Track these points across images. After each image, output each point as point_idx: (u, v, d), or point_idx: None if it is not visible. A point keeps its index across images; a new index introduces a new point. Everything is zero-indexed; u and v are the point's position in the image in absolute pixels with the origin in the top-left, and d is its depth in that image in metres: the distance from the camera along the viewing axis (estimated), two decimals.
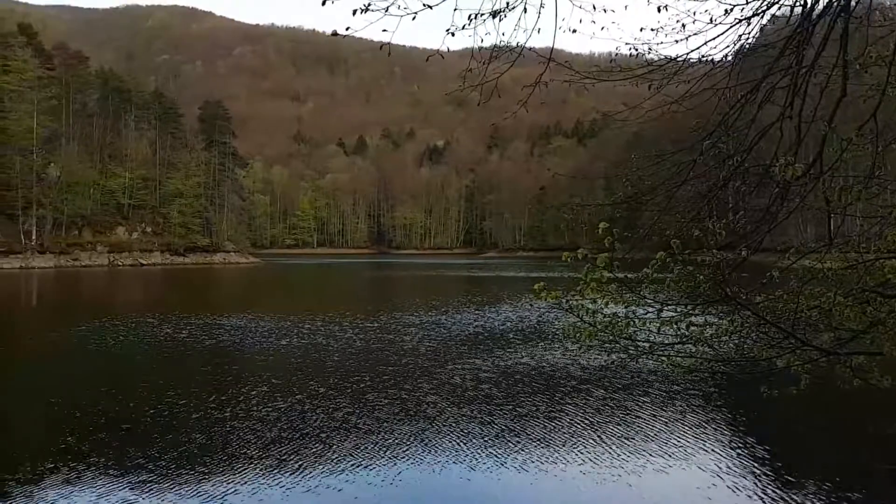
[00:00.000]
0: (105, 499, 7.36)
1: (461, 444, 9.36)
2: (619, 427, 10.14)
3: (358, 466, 8.50)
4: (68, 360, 16.62)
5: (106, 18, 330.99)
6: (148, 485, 7.80)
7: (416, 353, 17.00)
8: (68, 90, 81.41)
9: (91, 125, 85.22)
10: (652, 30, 5.19)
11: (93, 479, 7.95)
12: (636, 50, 5.32)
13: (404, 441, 9.48)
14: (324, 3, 4.26)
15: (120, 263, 76.27)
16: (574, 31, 4.75)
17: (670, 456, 8.77)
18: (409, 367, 14.95)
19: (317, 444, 9.36)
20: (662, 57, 5.26)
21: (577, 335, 5.29)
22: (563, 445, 9.23)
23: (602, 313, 5.21)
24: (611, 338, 5.26)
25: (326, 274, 70.37)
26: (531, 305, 28.75)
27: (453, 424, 10.31)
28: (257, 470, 8.35)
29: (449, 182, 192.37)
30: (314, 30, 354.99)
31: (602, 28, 4.88)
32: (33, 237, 70.06)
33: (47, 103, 75.32)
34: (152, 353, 17.38)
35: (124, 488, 7.67)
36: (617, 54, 5.41)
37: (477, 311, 26.95)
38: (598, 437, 9.64)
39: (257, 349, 17.80)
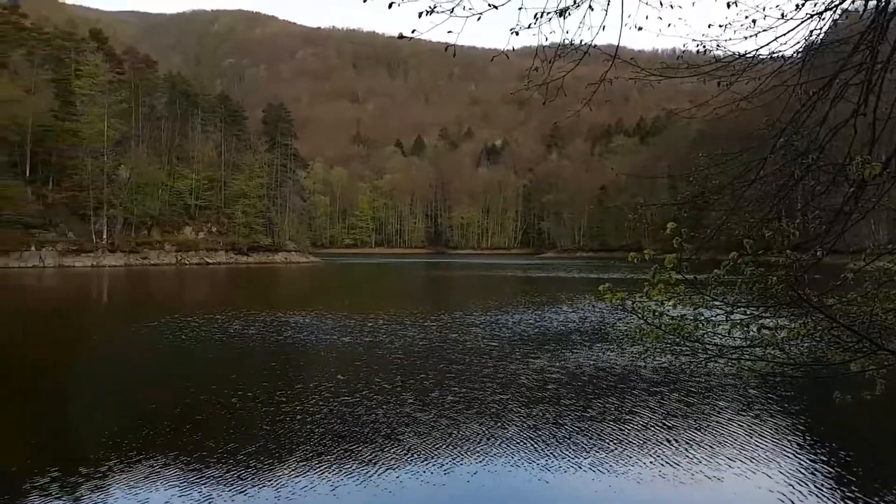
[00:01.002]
0: (174, 492, 7.54)
1: (533, 444, 9.30)
2: (694, 431, 9.96)
3: (429, 463, 8.52)
4: (141, 355, 17.26)
5: (173, 23, 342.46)
6: (217, 478, 7.98)
7: (479, 352, 17.01)
8: (137, 94, 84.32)
9: (159, 128, 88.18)
10: (720, 26, 5.09)
11: (163, 472, 8.19)
12: (704, 47, 5.23)
13: (475, 439, 9.46)
14: (390, 6, 4.29)
15: (186, 262, 78.79)
16: (640, 28, 4.71)
17: (748, 460, 8.62)
18: (474, 366, 14.96)
19: (386, 440, 9.43)
20: (731, 53, 5.15)
21: (643, 337, 5.21)
22: (639, 448, 9.12)
23: (668, 315, 5.08)
24: (678, 340, 5.14)
25: (385, 273, 71.09)
26: (592, 306, 28.47)
27: (523, 424, 10.26)
28: (326, 464, 8.47)
29: (507, 182, 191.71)
30: (374, 31, 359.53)
31: (669, 25, 4.84)
32: (104, 236, 72.66)
33: (117, 107, 77.72)
34: (222, 349, 17.86)
35: (194, 481, 7.86)
36: (684, 51, 5.34)
37: (537, 312, 26.80)
38: (675, 440, 9.49)
39: (322, 346, 18.15)
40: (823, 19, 4.85)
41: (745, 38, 5.01)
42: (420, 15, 4.17)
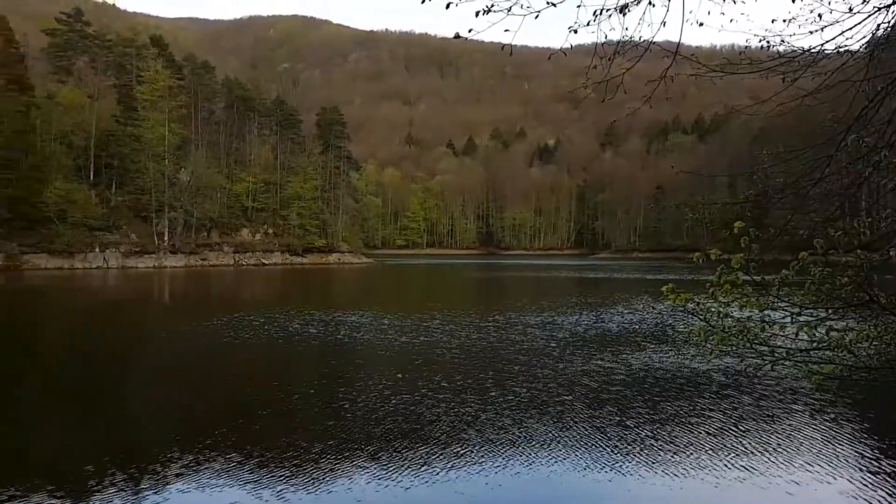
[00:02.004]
0: (239, 491, 7.64)
1: (600, 445, 9.21)
2: (769, 435, 9.74)
3: (494, 463, 8.49)
4: (204, 353, 17.74)
5: (231, 29, 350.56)
6: (282, 477, 8.07)
7: (538, 352, 16.94)
8: (196, 99, 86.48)
9: (218, 132, 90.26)
10: (784, 21, 4.98)
11: (227, 470, 8.31)
12: (767, 42, 5.11)
13: (539, 440, 9.41)
14: (448, 7, 4.31)
15: (244, 263, 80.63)
16: (701, 24, 4.69)
17: (827, 465, 8.43)
18: (534, 367, 14.89)
19: (449, 439, 9.44)
20: (795, 48, 5.03)
21: (707, 339, 5.15)
22: (713, 452, 8.96)
23: (732, 317, 5.00)
24: (743, 342, 5.06)
25: (437, 274, 71.36)
26: (651, 308, 28.12)
27: (588, 425, 10.17)
28: (391, 463, 8.52)
29: (560, 181, 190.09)
30: (426, 33, 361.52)
31: (731, 20, 4.78)
32: (165, 238, 74.69)
33: (178, 112, 79.71)
34: (282, 347, 18.18)
35: (259, 480, 7.97)
36: (746, 47, 5.24)
37: (595, 313, 26.55)
38: (749, 444, 9.30)
39: (381, 345, 18.34)
40: (892, 12, 4.70)
41: (810, 32, 4.91)
42: (477, 14, 4.20)
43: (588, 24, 4.41)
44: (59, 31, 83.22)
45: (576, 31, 4.45)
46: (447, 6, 4.35)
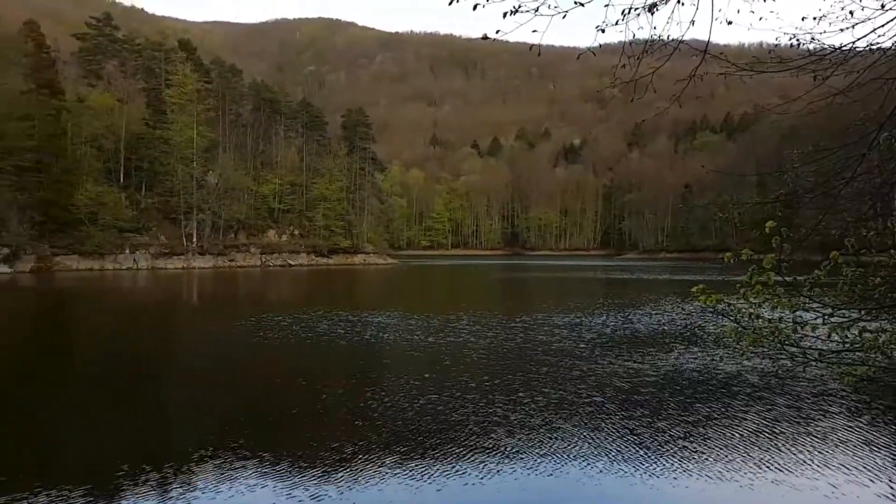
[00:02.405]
0: (269, 491, 7.68)
1: (633, 447, 9.14)
2: (805, 437, 9.63)
3: (525, 465, 8.46)
4: (233, 353, 17.93)
5: (258, 32, 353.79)
6: (313, 476, 8.13)
7: (567, 353, 16.88)
8: (224, 102, 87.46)
9: (245, 134, 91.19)
10: (814, 18, 4.92)
11: (257, 470, 8.38)
12: (797, 40, 5.05)
13: (570, 441, 9.36)
14: (475, 8, 4.30)
15: (270, 264, 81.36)
16: (730, 22, 4.65)
17: (865, 468, 8.31)
18: (563, 367, 14.86)
19: (479, 440, 9.42)
20: (825, 46, 4.96)
21: (738, 340, 5.10)
22: (747, 454, 8.87)
23: (763, 318, 4.96)
24: (775, 343, 5.01)
25: (463, 274, 71.32)
26: (681, 309, 27.95)
27: (620, 426, 10.10)
28: (421, 463, 8.53)
29: (586, 181, 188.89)
30: (451, 34, 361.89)
31: (760, 18, 4.75)
32: (194, 240, 75.68)
33: (205, 115, 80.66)
34: (311, 347, 18.35)
35: (289, 480, 8.01)
36: (776, 45, 5.21)
37: (623, 314, 26.40)
38: (784, 446, 9.21)
39: (407, 345, 18.40)
40: None
41: (841, 30, 4.84)
42: (504, 15, 4.20)
43: (616, 24, 4.39)
44: (89, 36, 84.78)
45: (603, 31, 4.45)
46: (474, 8, 4.35)
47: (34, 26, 71.96)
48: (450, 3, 4.49)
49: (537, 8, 4.14)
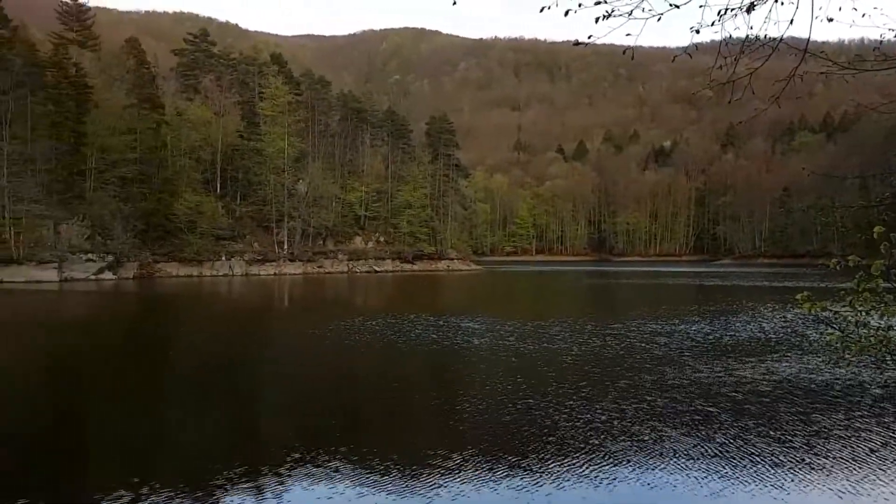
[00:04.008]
0: (350, 489, 7.65)
1: (750, 459, 8.61)
2: None
3: (632, 474, 8.10)
4: (325, 356, 18.25)
5: (346, 44, 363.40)
6: (406, 478, 8.04)
7: (670, 360, 16.26)
8: (313, 113, 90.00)
9: (332, 144, 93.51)
10: None
11: (341, 468, 8.37)
12: None
13: (681, 451, 8.91)
14: (566, 14, 4.28)
15: (357, 270, 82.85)
16: (831, 19, 4.49)
17: None
18: (668, 376, 14.26)
19: (584, 446, 9.14)
20: None
21: (843, 349, 4.91)
22: (879, 468, 8.22)
23: (870, 326, 4.73)
24: (882, 353, 4.80)
25: (550, 280, 70.21)
26: (783, 317, 26.64)
27: (735, 437, 9.53)
28: (519, 469, 8.28)
29: (677, 184, 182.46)
30: (536, 38, 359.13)
31: (863, 15, 4.57)
32: (285, 247, 78.11)
33: (296, 126, 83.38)
34: (402, 351, 18.43)
35: (370, 478, 7.98)
36: (881, 41, 4.86)
37: (724, 321, 25.33)
38: None
39: (500, 351, 18.20)
40: None
41: None
42: (596, 20, 4.19)
43: (712, 25, 4.30)
44: (187, 52, 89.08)
45: (698, 32, 4.40)
46: (566, 14, 4.35)
47: (135, 43, 76.26)
48: (541, 10, 4.51)
49: (630, 11, 4.11)
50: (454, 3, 5.11)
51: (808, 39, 4.28)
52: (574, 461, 8.49)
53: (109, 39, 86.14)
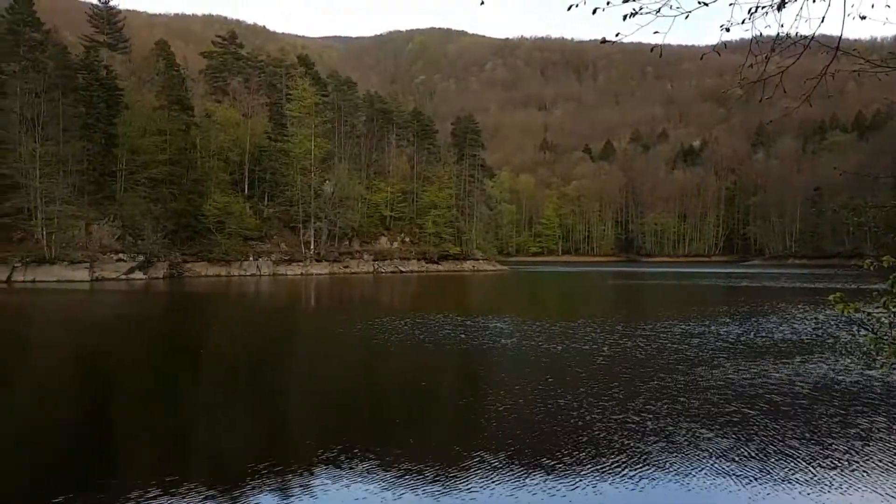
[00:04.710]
0: (376, 488, 7.62)
1: (791, 461, 8.44)
2: None
3: (668, 475, 7.96)
4: (353, 355, 18.28)
5: (372, 45, 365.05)
6: (426, 476, 8.01)
7: (701, 361, 16.01)
8: (339, 114, 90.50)
9: (358, 145, 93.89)
10: None
11: (367, 468, 8.34)
12: None
13: (718, 453, 8.72)
14: (594, 12, 4.33)
15: (382, 270, 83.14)
16: (863, 17, 4.46)
17: None
18: (699, 377, 14.04)
19: (612, 446, 9.05)
20: None
21: (877, 351, 4.83)
22: None
23: None
24: None
25: (577, 281, 69.68)
26: (815, 319, 26.11)
27: (774, 439, 9.37)
28: (548, 470, 8.21)
29: (706, 184, 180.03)
30: (562, 37, 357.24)
31: None
32: (311, 247, 78.64)
33: (322, 127, 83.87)
34: (429, 350, 18.41)
35: (399, 478, 7.94)
36: None
37: (753, 323, 24.86)
38: None
39: (529, 350, 18.06)
40: None
41: None
42: (624, 18, 4.21)
43: (743, 23, 4.32)
44: (216, 54, 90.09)
45: (728, 30, 4.42)
46: (594, 11, 4.38)
47: (165, 46, 77.36)
48: (569, 9, 4.59)
49: (658, 9, 4.12)
50: (482, 2, 5.10)
51: (840, 37, 4.25)
52: (609, 462, 8.37)
53: (139, 42, 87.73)
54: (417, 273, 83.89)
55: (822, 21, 4.19)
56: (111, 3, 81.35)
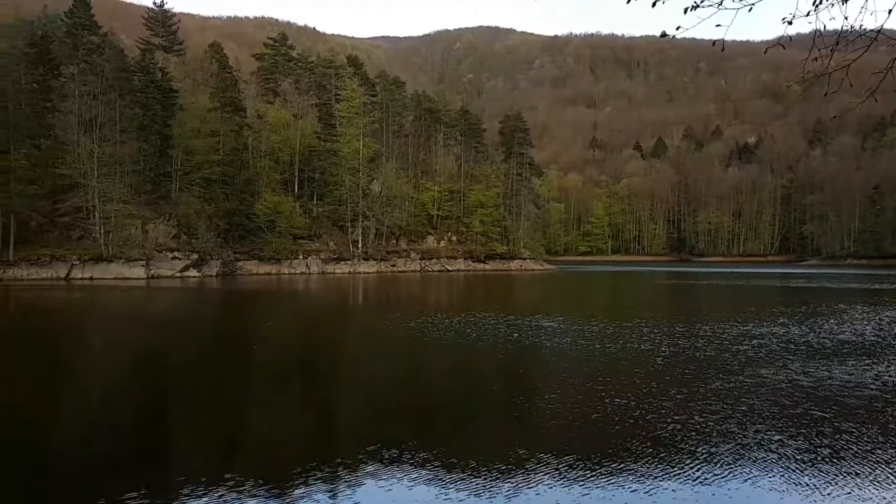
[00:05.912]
0: (419, 488, 7.55)
1: (872, 467, 8.10)
2: None
3: (737, 479, 7.70)
4: (405, 352, 18.29)
5: (420, 45, 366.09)
6: (477, 476, 7.89)
7: (765, 362, 15.51)
8: (387, 113, 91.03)
9: (406, 144, 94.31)
10: None
11: (417, 466, 8.28)
12: None
13: (789, 457, 8.42)
14: (654, 5, 4.39)
15: (429, 269, 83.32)
16: None
17: None
18: (764, 378, 13.61)
19: (674, 447, 8.81)
20: None
21: None
22: None
23: None
24: None
25: (627, 281, 68.47)
26: (878, 319, 25.26)
27: (851, 444, 8.99)
28: (605, 472, 8.01)
29: (762, 182, 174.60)
30: (612, 33, 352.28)
31: None
32: (359, 246, 79.39)
33: (371, 126, 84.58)
34: (482, 349, 18.23)
35: (447, 477, 7.86)
36: None
37: (816, 324, 24.02)
38: None
39: (583, 351, 17.77)
40: None
41: None
42: (685, 11, 4.18)
43: (807, 15, 4.24)
44: (267, 56, 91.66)
45: (790, 23, 4.34)
46: (653, 4, 4.40)
47: (218, 48, 79.09)
48: (628, 2, 4.60)
49: (721, 1, 4.09)
50: None
51: None
52: (672, 463, 8.11)
53: (193, 44, 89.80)
54: (464, 272, 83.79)
55: (889, 14, 4.13)
56: (166, 7, 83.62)
